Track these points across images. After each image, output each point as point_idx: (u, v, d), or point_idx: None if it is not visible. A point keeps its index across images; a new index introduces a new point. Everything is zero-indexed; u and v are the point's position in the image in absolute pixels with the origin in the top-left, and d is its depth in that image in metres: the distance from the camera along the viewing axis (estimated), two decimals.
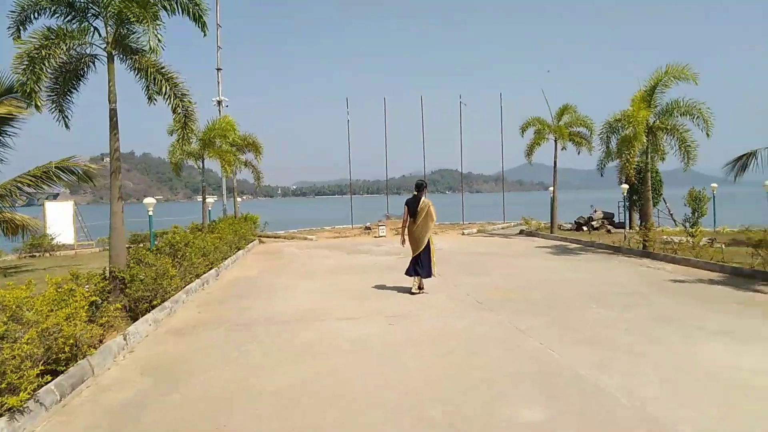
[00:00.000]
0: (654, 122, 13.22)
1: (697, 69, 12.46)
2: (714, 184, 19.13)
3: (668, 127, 12.96)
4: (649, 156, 13.26)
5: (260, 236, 21.66)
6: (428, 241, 8.89)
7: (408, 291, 9.03)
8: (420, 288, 8.87)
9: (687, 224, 13.68)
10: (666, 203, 21.31)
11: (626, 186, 16.28)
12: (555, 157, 18.77)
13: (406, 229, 9.04)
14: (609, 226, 19.58)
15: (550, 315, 7.16)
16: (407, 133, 25.72)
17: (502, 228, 24.02)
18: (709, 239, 14.32)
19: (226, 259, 12.85)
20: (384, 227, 20.64)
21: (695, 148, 12.68)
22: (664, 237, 17.07)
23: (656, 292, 8.60)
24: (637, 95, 13.10)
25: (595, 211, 20.34)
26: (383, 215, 25.07)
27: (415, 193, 8.96)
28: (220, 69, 23.74)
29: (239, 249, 15.22)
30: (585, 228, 19.79)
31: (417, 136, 26.65)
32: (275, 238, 21.86)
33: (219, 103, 23.41)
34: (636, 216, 20.34)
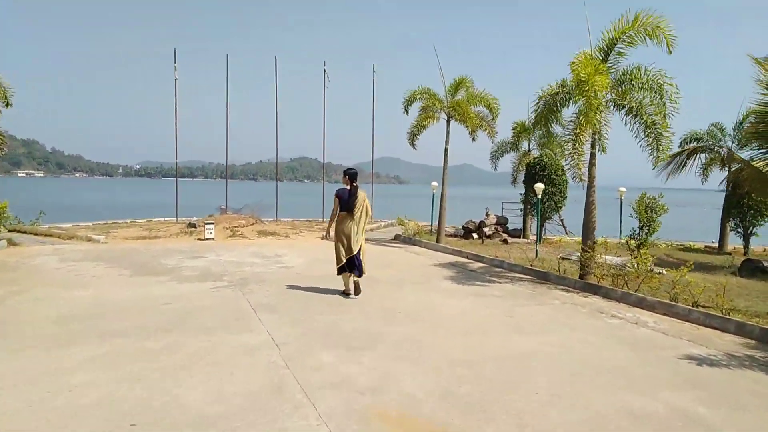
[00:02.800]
0: (608, 97, 9.12)
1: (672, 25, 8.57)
2: (622, 188, 16.20)
3: (632, 104, 8.93)
4: (597, 145, 9.16)
5: (22, 231, 14.46)
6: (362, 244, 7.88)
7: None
8: (356, 289, 7.82)
9: (633, 240, 9.97)
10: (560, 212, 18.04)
11: (541, 186, 12.33)
12: (446, 141, 14.37)
13: (334, 225, 7.93)
14: (504, 235, 15.76)
15: None
16: (270, 116, 19.72)
17: (371, 230, 19.30)
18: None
19: None
20: (212, 226, 14.70)
21: (670, 137, 8.80)
22: (568, 251, 13.54)
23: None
24: (583, 56, 8.90)
25: (487, 215, 16.43)
26: (217, 208, 18.96)
27: (346, 185, 7.79)
28: None
29: None
30: (475, 235, 15.77)
31: (282, 119, 21.10)
32: (46, 236, 14.76)
33: None
34: (532, 224, 16.80)
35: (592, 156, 9.22)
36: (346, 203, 7.68)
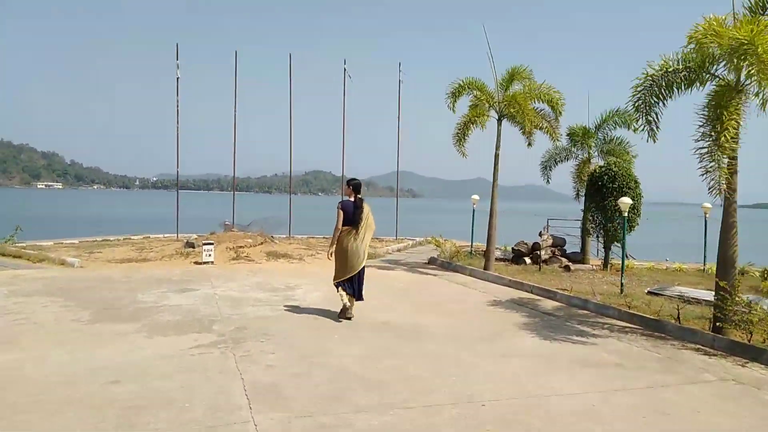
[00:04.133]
0: None
1: None
2: (707, 204, 13.38)
3: None
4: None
5: None
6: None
7: None
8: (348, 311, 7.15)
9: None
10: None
11: (627, 201, 9.59)
12: (497, 145, 11.70)
13: (336, 241, 7.25)
14: (564, 260, 12.99)
15: None
16: (285, 128, 17.24)
17: (399, 250, 16.65)
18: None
19: None
20: (212, 247, 12.15)
21: None
22: (658, 284, 10.80)
23: None
24: (715, 21, 6.20)
25: (541, 235, 13.68)
26: (221, 224, 16.45)
27: (351, 197, 7.23)
28: None
29: None
30: (528, 260, 13.02)
31: (296, 130, 18.73)
32: (15, 257, 12.32)
33: None
34: (593, 244, 14.02)
35: (733, 161, 6.50)
36: (350, 217, 7.11)
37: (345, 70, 19.70)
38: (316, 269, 11.94)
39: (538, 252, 13.05)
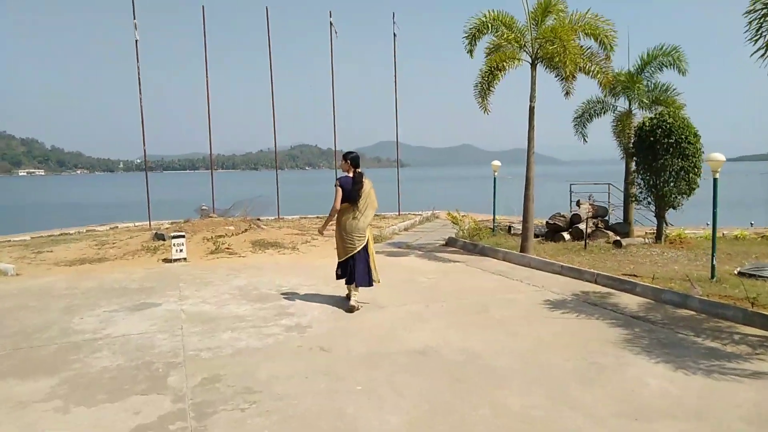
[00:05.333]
0: None
1: None
2: None
3: None
4: None
5: None
6: (368, 241, 6.54)
7: None
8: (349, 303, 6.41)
9: None
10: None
11: (720, 158, 7.35)
12: (532, 96, 9.36)
13: (336, 220, 6.59)
14: (610, 233, 10.82)
15: None
16: (268, 102, 14.64)
17: (405, 229, 14.43)
18: None
19: None
20: (183, 241, 9.82)
21: None
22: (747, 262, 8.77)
23: None
24: None
25: (580, 205, 11.48)
26: (197, 209, 14.07)
27: (348, 171, 6.53)
28: None
29: None
30: (567, 235, 10.86)
31: (281, 101, 16.22)
32: None
33: None
34: (634, 211, 11.87)
35: None
36: (349, 194, 6.46)
37: (331, 24, 17.14)
38: (314, 261, 9.68)
39: (579, 225, 10.89)
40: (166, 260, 9.88)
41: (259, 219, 16.24)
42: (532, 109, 9.32)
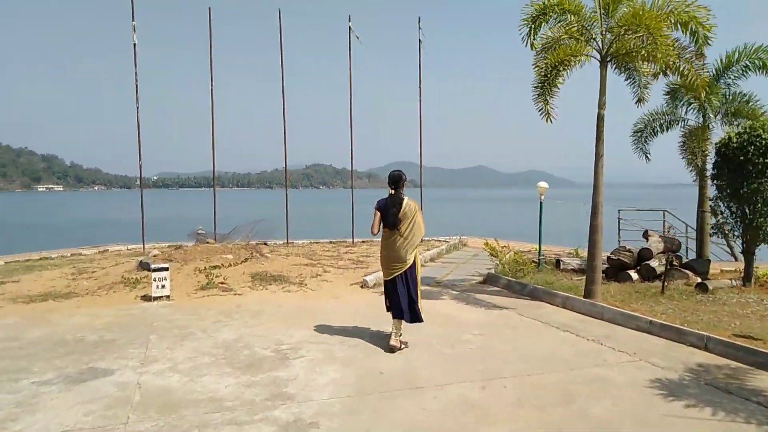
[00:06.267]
0: None
1: None
2: None
3: None
4: None
5: None
6: (414, 262, 5.75)
7: None
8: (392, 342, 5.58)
9: None
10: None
11: None
12: (601, 101, 7.45)
13: (381, 244, 5.94)
14: (690, 273, 8.79)
15: None
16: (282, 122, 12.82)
17: (432, 259, 12.53)
18: None
19: None
20: (166, 274, 7.99)
21: None
22: None
23: None
24: None
25: (648, 237, 9.50)
26: (191, 233, 12.31)
27: (391, 191, 5.78)
28: None
29: None
30: (634, 274, 8.86)
31: (296, 122, 14.55)
32: None
33: None
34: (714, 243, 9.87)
35: None
36: (390, 218, 5.63)
37: (350, 29, 15.50)
38: (326, 303, 7.78)
39: (650, 263, 8.89)
40: (146, 297, 8.07)
41: (265, 244, 14.48)
42: (601, 118, 7.43)
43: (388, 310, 5.86)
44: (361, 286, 9.01)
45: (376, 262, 11.82)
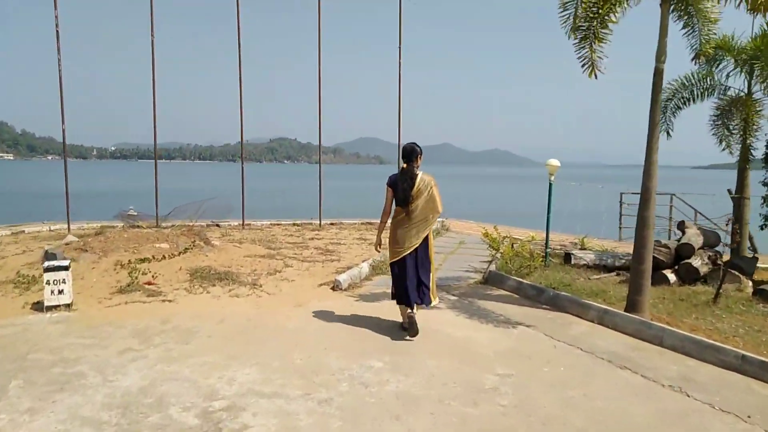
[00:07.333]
0: None
1: None
2: None
3: None
4: None
5: None
6: (427, 241, 5.22)
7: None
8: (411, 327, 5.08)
9: None
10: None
11: None
12: (660, 54, 5.56)
13: (388, 225, 5.33)
14: (741, 276, 7.11)
15: None
16: (249, 92, 10.14)
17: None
18: None
19: None
20: (66, 275, 5.82)
21: None
22: None
23: None
24: None
25: (684, 230, 7.81)
26: (118, 214, 10.04)
27: (404, 165, 5.16)
28: None
29: None
30: (671, 275, 7.15)
31: (261, 93, 12.29)
32: None
33: None
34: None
35: None
36: (399, 194, 5.08)
37: None
38: (287, 317, 5.73)
39: (692, 262, 7.19)
40: (39, 306, 5.90)
41: (217, 226, 12.29)
42: (659, 73, 5.55)
43: (392, 298, 5.34)
44: (333, 288, 7.03)
45: (347, 251, 9.86)
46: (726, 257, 8.07)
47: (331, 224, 13.71)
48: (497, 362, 4.55)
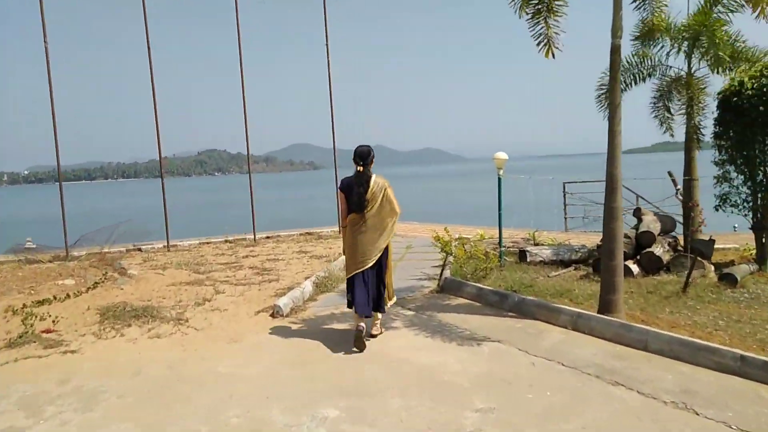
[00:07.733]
0: None
1: None
2: None
3: None
4: None
5: None
6: (386, 249, 5.06)
7: None
8: (370, 333, 4.95)
9: None
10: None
11: None
12: (615, 30, 5.08)
13: (347, 231, 5.05)
14: (705, 263, 6.80)
15: None
16: (177, 106, 8.85)
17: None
18: None
19: None
20: None
21: None
22: None
23: None
24: None
25: (641, 217, 7.48)
26: (11, 248, 8.67)
27: (359, 168, 4.89)
28: None
29: None
30: (634, 266, 6.76)
31: (187, 106, 11.05)
32: None
33: None
34: (690, 215, 8.07)
35: None
36: (357, 200, 4.86)
37: None
38: (220, 359, 4.78)
39: (653, 251, 6.84)
40: None
41: (139, 250, 11.02)
42: (617, 50, 5.08)
43: (349, 306, 5.08)
44: (272, 315, 6.14)
45: (287, 268, 8.94)
46: (681, 240, 7.83)
47: (267, 237, 12.69)
48: (474, 393, 3.86)
